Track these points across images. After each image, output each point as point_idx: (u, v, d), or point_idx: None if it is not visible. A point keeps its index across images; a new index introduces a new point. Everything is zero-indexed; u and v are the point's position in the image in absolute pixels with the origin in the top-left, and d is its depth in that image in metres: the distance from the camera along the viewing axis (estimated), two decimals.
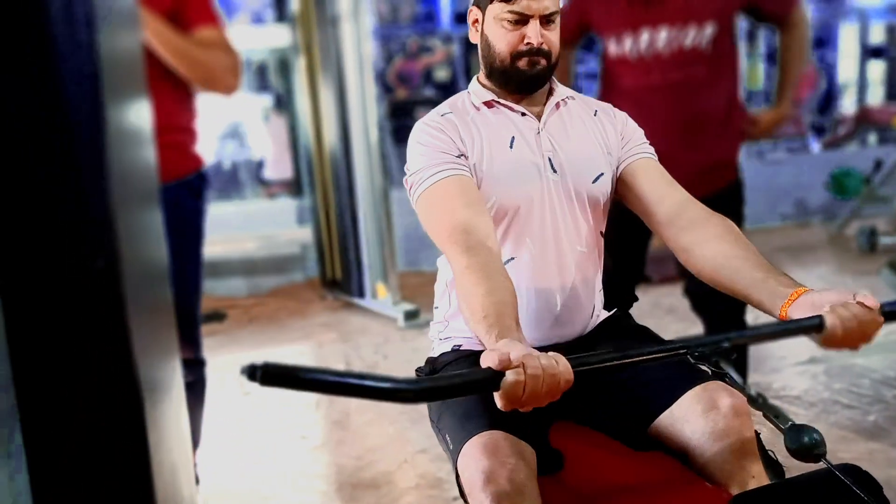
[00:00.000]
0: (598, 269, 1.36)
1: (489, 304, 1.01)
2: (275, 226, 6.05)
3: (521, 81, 1.27)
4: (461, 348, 1.34)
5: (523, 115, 1.30)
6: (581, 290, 1.31)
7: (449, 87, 6.91)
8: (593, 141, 1.33)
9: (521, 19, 1.22)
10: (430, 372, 1.34)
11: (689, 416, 1.13)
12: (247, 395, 3.39)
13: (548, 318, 1.30)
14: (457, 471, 1.11)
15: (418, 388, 0.81)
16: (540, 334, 1.29)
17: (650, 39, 2.11)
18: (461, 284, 1.09)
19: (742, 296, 1.11)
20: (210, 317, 4.68)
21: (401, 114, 6.82)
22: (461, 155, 1.24)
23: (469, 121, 1.30)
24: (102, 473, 1.10)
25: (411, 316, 4.19)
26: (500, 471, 1.03)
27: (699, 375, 1.16)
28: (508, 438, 1.08)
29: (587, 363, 0.90)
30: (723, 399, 1.12)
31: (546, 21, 1.23)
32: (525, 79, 1.27)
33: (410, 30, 7.67)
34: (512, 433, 1.09)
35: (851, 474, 0.89)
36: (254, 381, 0.74)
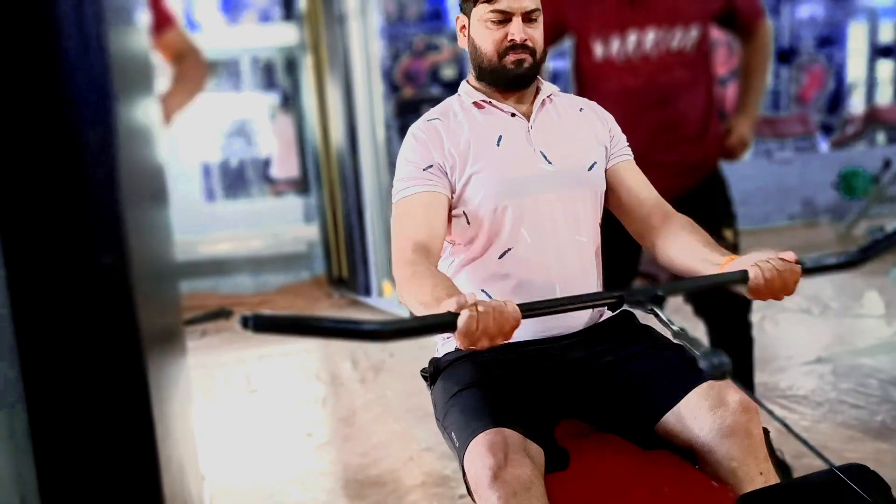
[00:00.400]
0: (598, 259, 1.38)
1: (439, 289, 1.09)
2: (281, 224, 6.07)
3: (509, 79, 1.32)
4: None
5: (513, 115, 1.34)
6: (581, 280, 1.32)
7: (456, 85, 6.90)
8: (584, 132, 1.38)
9: (504, 18, 1.28)
10: (435, 373, 1.34)
11: (696, 413, 1.13)
12: (253, 392, 3.40)
13: None
14: (463, 468, 1.11)
15: (389, 329, 0.94)
16: (540, 324, 1.28)
17: (637, 41, 2.11)
18: (408, 292, 1.16)
19: (693, 272, 1.23)
20: (216, 314, 4.70)
21: (408, 112, 6.83)
22: (437, 166, 1.30)
23: (457, 123, 1.34)
24: (110, 468, 1.10)
25: None
26: (506, 468, 1.03)
27: None
28: (515, 436, 1.08)
29: (534, 308, 1.04)
30: (731, 395, 1.12)
31: (528, 19, 1.29)
32: (513, 77, 1.31)
33: (417, 28, 7.67)
34: (518, 431, 1.09)
35: (859, 474, 0.89)
36: (247, 329, 0.85)
